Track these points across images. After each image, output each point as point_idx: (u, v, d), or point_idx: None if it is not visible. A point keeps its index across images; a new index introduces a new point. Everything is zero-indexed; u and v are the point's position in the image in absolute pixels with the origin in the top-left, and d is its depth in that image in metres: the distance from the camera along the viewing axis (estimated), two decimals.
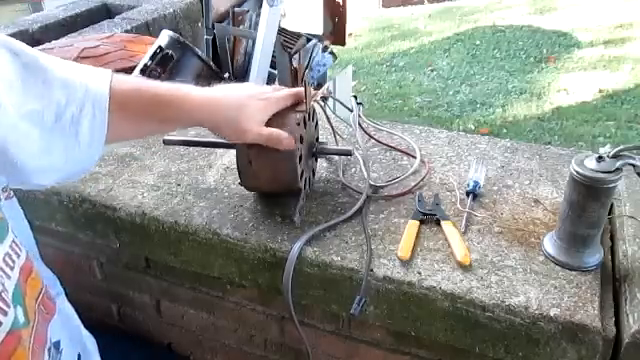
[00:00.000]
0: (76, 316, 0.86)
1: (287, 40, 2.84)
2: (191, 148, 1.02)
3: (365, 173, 0.89)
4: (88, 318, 0.91)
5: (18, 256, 0.69)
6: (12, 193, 0.68)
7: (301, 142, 0.79)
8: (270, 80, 2.78)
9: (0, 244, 0.66)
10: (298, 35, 2.98)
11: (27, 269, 0.70)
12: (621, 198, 0.82)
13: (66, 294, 0.85)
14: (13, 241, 0.69)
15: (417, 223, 0.79)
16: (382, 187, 0.89)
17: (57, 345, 0.69)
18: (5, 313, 0.59)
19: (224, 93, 0.74)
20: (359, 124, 1.02)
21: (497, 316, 0.67)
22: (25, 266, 0.70)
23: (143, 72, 1.83)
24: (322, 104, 0.99)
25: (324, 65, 3.13)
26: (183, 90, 0.71)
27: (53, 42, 2.12)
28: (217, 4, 2.90)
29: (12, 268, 0.65)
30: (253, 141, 0.75)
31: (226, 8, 2.97)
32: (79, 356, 0.77)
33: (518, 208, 0.82)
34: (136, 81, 0.73)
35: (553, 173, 0.90)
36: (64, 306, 0.81)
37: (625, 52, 4.65)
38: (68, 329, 0.78)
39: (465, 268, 0.71)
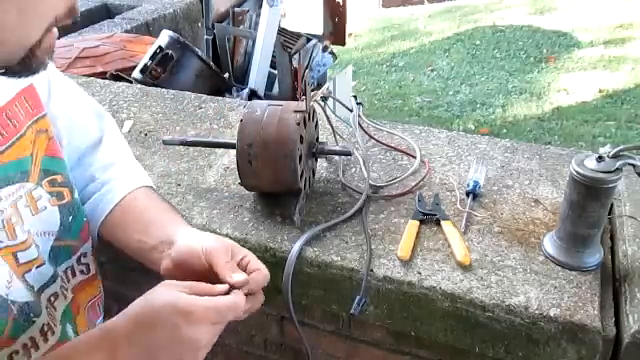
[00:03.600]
0: None
1: (287, 40, 2.84)
2: (191, 148, 1.01)
3: (365, 173, 0.89)
4: None
5: (82, 272, 0.70)
6: None
7: (301, 142, 0.79)
8: (270, 80, 2.78)
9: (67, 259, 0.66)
10: (298, 35, 2.98)
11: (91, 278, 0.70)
12: (621, 198, 0.82)
13: None
14: (81, 254, 0.69)
15: (417, 223, 0.79)
16: (382, 187, 0.89)
17: None
18: (53, 332, 0.62)
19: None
20: (359, 124, 1.02)
21: (497, 316, 0.67)
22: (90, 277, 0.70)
23: (143, 72, 1.84)
24: (322, 104, 0.99)
25: (324, 65, 3.13)
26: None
27: None
28: (217, 4, 2.91)
29: (67, 289, 0.65)
30: None
31: (226, 8, 2.98)
32: None
33: (518, 208, 0.82)
34: (147, 204, 0.72)
35: (553, 173, 0.90)
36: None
37: (625, 52, 4.65)
38: None
39: (465, 268, 0.71)
